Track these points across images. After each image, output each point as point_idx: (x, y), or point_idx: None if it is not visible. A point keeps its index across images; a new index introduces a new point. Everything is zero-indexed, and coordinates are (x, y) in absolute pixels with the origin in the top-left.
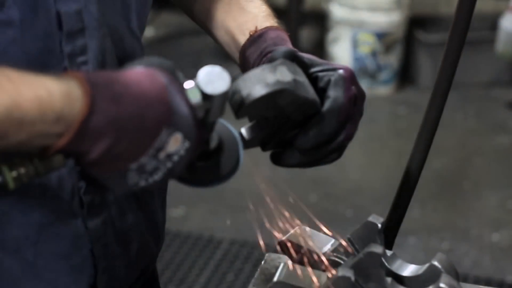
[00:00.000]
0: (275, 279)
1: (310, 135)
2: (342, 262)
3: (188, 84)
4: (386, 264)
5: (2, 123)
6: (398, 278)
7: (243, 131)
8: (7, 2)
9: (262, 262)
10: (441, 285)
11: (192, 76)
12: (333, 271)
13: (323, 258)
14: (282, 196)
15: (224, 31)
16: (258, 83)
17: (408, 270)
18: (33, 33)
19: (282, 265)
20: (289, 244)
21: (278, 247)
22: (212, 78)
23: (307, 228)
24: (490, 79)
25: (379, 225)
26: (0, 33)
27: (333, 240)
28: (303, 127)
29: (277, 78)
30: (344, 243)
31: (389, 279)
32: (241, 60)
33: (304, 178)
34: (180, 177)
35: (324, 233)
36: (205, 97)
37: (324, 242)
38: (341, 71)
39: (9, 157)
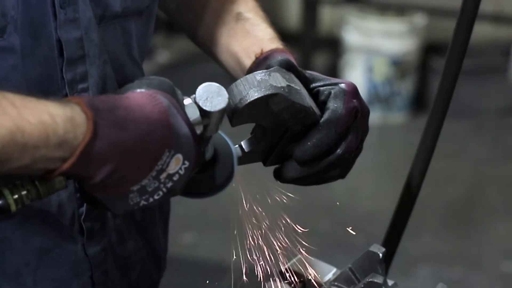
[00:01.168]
0: None
1: (309, 145)
2: None
3: (187, 102)
4: None
5: (6, 148)
6: None
7: (243, 143)
8: (7, 29)
9: None
10: None
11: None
12: None
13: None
14: (294, 222)
15: (229, 55)
16: (251, 88)
17: None
18: (34, 59)
19: None
20: (290, 273)
21: (279, 276)
22: (210, 95)
23: (309, 257)
24: (503, 107)
25: (380, 255)
26: (0, 59)
27: (334, 269)
28: (302, 138)
29: (270, 83)
30: None
31: None
32: None
33: (316, 205)
34: None
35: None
36: (204, 113)
37: (325, 271)
38: (342, 85)
39: (10, 179)
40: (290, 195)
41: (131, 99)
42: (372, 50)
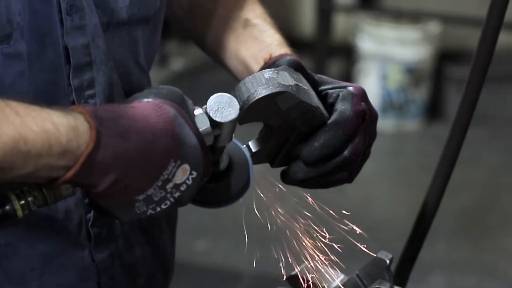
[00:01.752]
0: None
1: (316, 146)
2: None
3: (197, 112)
4: None
5: (9, 155)
6: None
7: (251, 143)
8: (14, 35)
9: None
10: None
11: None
12: None
13: None
14: (307, 229)
15: (237, 60)
16: (259, 86)
17: None
18: (41, 66)
19: None
20: (298, 279)
21: (288, 282)
22: (221, 106)
23: (317, 263)
24: None
25: (388, 261)
26: (7, 66)
27: (342, 276)
28: (309, 139)
29: (278, 81)
30: None
31: None
32: None
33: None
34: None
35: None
36: (214, 124)
37: (333, 277)
38: (350, 88)
39: (18, 185)
40: (307, 196)
41: (136, 108)
42: (386, 57)
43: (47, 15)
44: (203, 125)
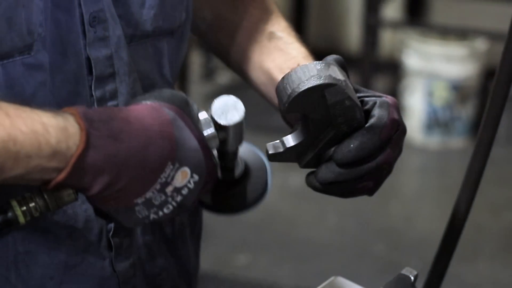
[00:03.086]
0: None
1: (351, 148)
2: None
3: (202, 116)
4: None
5: None
6: None
7: (284, 138)
8: (35, 46)
9: None
10: None
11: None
12: None
13: None
14: (349, 245)
15: (261, 71)
16: (311, 75)
17: None
18: (63, 77)
19: None
20: None
21: None
22: (226, 109)
23: (342, 279)
24: None
25: (412, 278)
26: (28, 76)
27: None
28: (344, 140)
29: (330, 74)
30: None
31: None
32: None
33: (371, 228)
34: (206, 205)
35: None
36: (219, 127)
37: None
38: (386, 98)
39: (19, 192)
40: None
41: (131, 111)
42: (433, 74)
43: (69, 26)
44: (207, 128)
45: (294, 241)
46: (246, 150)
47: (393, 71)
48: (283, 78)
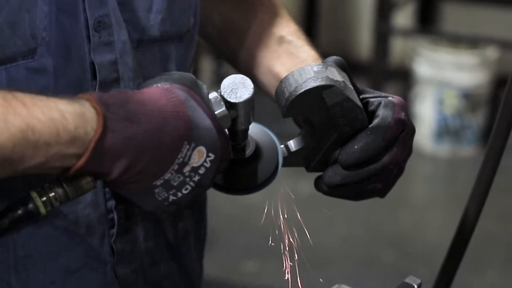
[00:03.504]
0: None
1: (355, 149)
2: None
3: (212, 95)
4: None
5: (18, 146)
6: None
7: (289, 143)
8: (38, 50)
9: None
10: None
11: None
12: None
13: None
14: (357, 253)
15: (271, 75)
16: (307, 78)
17: None
18: (67, 81)
19: None
20: None
21: None
22: (236, 87)
23: (346, 287)
24: None
25: (416, 287)
26: (31, 80)
27: None
28: (348, 142)
29: (327, 75)
30: None
31: None
32: None
33: (381, 236)
34: (216, 184)
35: None
36: (230, 106)
37: None
38: (391, 98)
39: (40, 182)
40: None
41: (144, 93)
42: (443, 82)
43: (74, 31)
44: (218, 107)
45: (303, 248)
46: (257, 131)
47: (403, 79)
48: (281, 81)
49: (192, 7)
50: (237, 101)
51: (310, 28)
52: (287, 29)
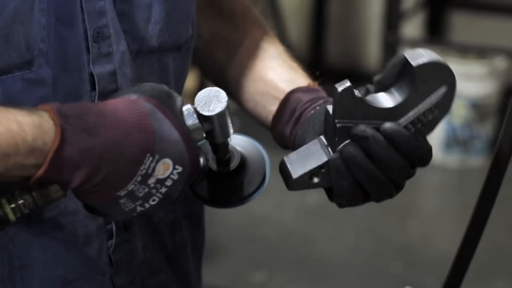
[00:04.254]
0: None
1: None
2: None
3: (185, 108)
4: None
5: None
6: None
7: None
8: (35, 61)
9: None
10: None
11: None
12: None
13: None
14: (365, 264)
15: (262, 82)
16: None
17: None
18: (65, 92)
19: None
20: None
21: None
22: (209, 100)
23: None
24: None
25: None
26: (28, 91)
27: None
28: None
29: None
30: None
31: None
32: (284, 103)
33: (388, 246)
34: (203, 198)
35: None
36: (203, 119)
37: None
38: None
39: (10, 190)
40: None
41: (107, 105)
42: None
43: (73, 42)
44: (190, 119)
45: (311, 259)
46: (244, 143)
47: None
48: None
49: (189, 18)
50: (209, 114)
51: (318, 39)
52: (279, 48)
